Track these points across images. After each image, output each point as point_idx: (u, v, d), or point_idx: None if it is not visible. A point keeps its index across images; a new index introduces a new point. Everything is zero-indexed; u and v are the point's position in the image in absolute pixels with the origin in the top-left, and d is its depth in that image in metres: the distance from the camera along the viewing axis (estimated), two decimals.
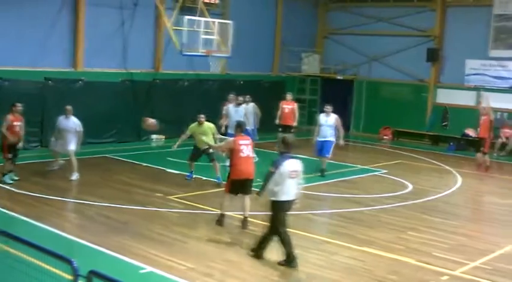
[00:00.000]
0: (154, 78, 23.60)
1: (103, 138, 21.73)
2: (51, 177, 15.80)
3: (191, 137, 16.37)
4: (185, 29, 20.48)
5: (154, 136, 23.33)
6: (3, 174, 14.87)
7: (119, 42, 22.57)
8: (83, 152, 18.85)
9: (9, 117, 14.93)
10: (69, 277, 5.75)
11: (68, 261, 5.70)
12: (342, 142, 18.39)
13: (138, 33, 23.05)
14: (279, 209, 9.99)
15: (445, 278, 9.82)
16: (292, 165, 9.96)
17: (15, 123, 15.01)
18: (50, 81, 20.51)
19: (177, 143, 16.14)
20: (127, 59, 22.73)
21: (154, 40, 23.75)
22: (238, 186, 11.79)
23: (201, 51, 20.88)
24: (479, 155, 20.26)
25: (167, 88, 23.73)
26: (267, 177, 10.00)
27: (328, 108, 18.19)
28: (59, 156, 16.15)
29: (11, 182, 14.82)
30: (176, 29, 21.11)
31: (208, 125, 15.92)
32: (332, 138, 18.06)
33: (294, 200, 10.10)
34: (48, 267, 6.30)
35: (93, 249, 10.32)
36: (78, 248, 10.51)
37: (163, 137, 23.40)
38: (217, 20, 22.09)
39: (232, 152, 11.87)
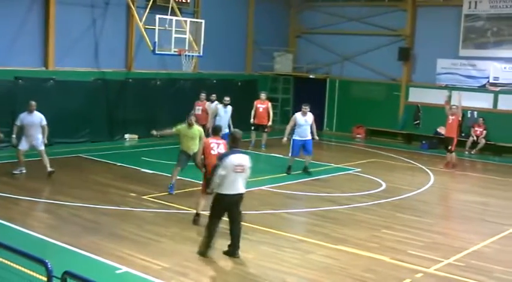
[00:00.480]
0: (127, 77, 23.41)
1: (76, 138, 21.49)
2: (22, 178, 15.61)
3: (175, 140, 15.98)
4: (157, 28, 20.36)
5: (127, 135, 23.19)
6: None
7: (90, 41, 22.35)
8: (56, 152, 18.75)
9: None
10: (43, 278, 5.67)
11: (42, 262, 5.60)
12: (317, 137, 18.56)
13: (110, 32, 22.87)
14: (218, 201, 10.11)
15: (419, 275, 9.87)
16: (237, 160, 10.01)
17: None
18: (20, 81, 20.22)
19: (160, 132, 15.41)
20: (99, 58, 22.54)
21: (126, 39, 23.55)
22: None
23: (173, 50, 20.78)
24: (448, 154, 20.49)
25: (139, 87, 23.53)
26: (213, 170, 10.11)
27: (306, 107, 18.12)
28: (23, 157, 16.02)
29: None
30: (148, 28, 20.96)
31: (198, 128, 14.65)
32: (310, 137, 18.19)
33: (240, 195, 10.13)
34: (21, 268, 6.21)
35: (68, 250, 10.19)
36: (52, 248, 10.38)
37: (137, 136, 23.28)
38: (189, 19, 22.03)
39: (204, 152, 11.85)
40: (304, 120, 18.02)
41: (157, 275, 9.19)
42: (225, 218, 11.22)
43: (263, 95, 22.54)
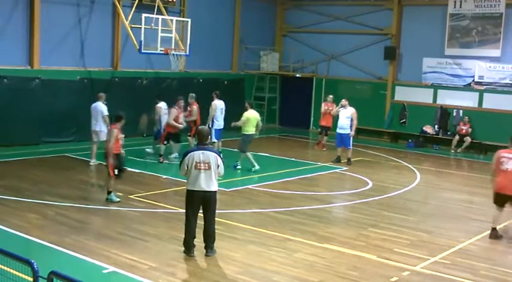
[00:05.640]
0: (113, 76, 23.33)
1: (62, 137, 21.35)
2: (9, 178, 15.51)
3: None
4: (143, 26, 20.30)
5: None
6: None
7: (76, 40, 22.25)
8: (43, 151, 18.67)
9: None
10: (29, 279, 5.65)
11: (28, 263, 5.59)
12: (352, 133, 20.04)
13: (96, 31, 22.77)
14: (187, 197, 10.22)
15: (406, 273, 9.92)
16: (198, 157, 10.02)
17: None
18: (5, 79, 20.10)
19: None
20: (84, 57, 22.44)
21: (112, 38, 23.45)
22: (499, 198, 12.41)
23: (159, 49, 20.74)
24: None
25: (126, 86, 23.42)
26: (179, 166, 10.32)
27: (343, 101, 20.18)
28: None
29: None
30: (134, 27, 20.88)
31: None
32: (348, 131, 19.96)
33: (204, 192, 10.07)
34: (7, 269, 6.17)
35: (54, 250, 10.16)
36: (39, 248, 10.34)
37: (123, 136, 23.10)
38: (175, 18, 21.99)
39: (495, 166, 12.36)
40: (341, 113, 20.16)
41: (144, 274, 9.18)
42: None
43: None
